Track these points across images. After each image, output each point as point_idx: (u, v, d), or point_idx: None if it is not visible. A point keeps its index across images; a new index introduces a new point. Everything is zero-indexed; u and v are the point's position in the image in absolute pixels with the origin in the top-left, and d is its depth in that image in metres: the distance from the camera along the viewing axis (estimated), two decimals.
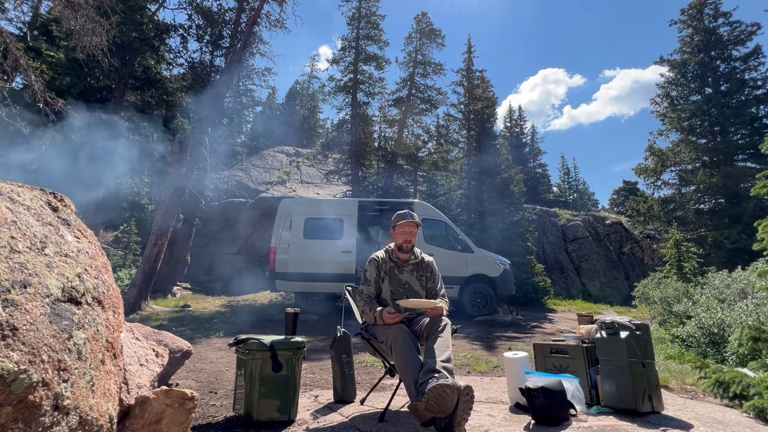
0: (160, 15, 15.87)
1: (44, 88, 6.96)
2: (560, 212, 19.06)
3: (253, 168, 21.73)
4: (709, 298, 5.98)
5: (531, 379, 2.62)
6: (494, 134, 14.99)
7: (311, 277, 8.37)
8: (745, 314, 4.45)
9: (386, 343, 2.51)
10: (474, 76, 17.03)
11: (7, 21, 11.95)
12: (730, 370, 3.43)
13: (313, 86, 37.89)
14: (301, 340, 2.72)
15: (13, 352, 1.17)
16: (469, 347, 5.89)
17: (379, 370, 4.12)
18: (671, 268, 10.03)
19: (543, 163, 31.75)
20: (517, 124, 31.72)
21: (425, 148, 20.86)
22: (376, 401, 2.96)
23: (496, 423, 2.50)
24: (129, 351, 2.24)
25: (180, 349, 3.31)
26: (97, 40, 6.89)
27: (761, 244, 4.06)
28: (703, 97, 17.48)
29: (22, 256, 1.40)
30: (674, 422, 2.55)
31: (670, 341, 5.62)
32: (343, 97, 18.91)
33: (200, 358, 4.69)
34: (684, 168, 17.51)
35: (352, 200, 9.72)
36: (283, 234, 8.61)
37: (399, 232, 2.86)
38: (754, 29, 17.12)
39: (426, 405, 2.02)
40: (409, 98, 19.53)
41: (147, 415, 1.79)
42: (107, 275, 1.86)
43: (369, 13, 18.96)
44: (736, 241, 14.05)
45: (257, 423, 2.46)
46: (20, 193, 1.69)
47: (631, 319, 2.92)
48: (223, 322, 7.62)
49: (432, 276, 2.91)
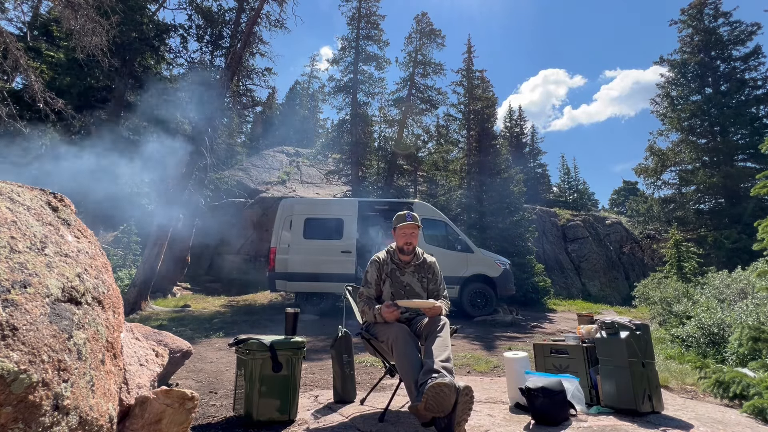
0: (160, 15, 15.89)
1: (44, 88, 6.95)
2: (560, 212, 19.05)
3: (253, 168, 21.71)
4: (709, 298, 5.98)
5: (531, 379, 2.62)
6: (494, 134, 14.97)
7: (311, 277, 8.37)
8: (745, 314, 4.45)
9: (387, 342, 2.50)
10: (474, 76, 17.03)
11: (7, 21, 11.96)
12: (730, 370, 3.43)
13: (313, 86, 37.90)
14: (301, 340, 2.72)
15: (13, 352, 1.17)
16: (469, 347, 5.89)
17: (379, 370, 4.12)
18: (671, 268, 10.03)
19: (543, 163, 31.73)
20: (517, 124, 31.67)
21: (425, 148, 20.84)
22: (376, 401, 2.96)
23: (496, 423, 2.50)
24: (129, 351, 2.24)
25: (180, 349, 3.31)
26: (97, 40, 6.89)
27: (761, 244, 4.07)
28: (703, 97, 17.48)
29: (22, 256, 1.40)
30: (674, 422, 2.55)
31: (670, 341, 5.62)
32: (343, 97, 18.90)
33: (200, 358, 4.68)
34: (684, 168, 17.53)
35: (352, 200, 9.72)
36: (283, 234, 8.61)
37: (399, 234, 2.83)
38: (754, 29, 17.15)
39: (425, 405, 2.02)
40: (409, 98, 19.50)
41: (147, 415, 1.79)
42: (107, 275, 1.86)
43: (369, 13, 18.95)
44: (736, 241, 14.06)
45: (257, 423, 2.46)
46: (20, 193, 1.69)
47: (631, 319, 2.92)
48: (223, 322, 7.62)
49: (434, 277, 2.88)
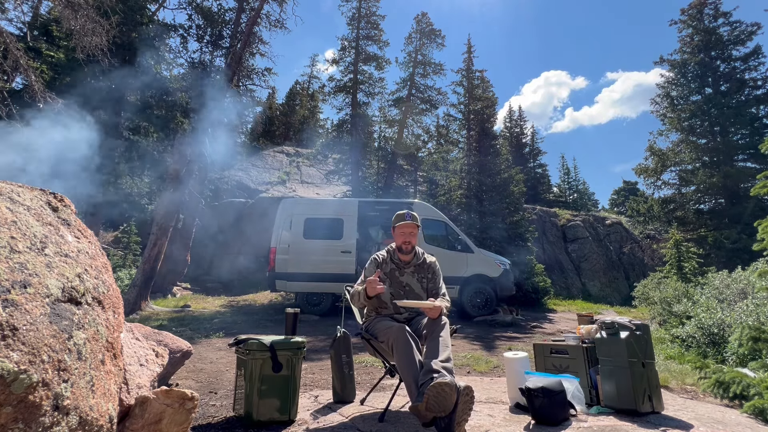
0: (160, 15, 15.90)
1: (44, 88, 6.95)
2: (560, 212, 19.05)
3: (253, 168, 21.70)
4: (709, 299, 5.97)
5: (531, 379, 2.62)
6: (494, 134, 14.98)
7: (311, 277, 8.37)
8: (745, 314, 4.45)
9: (387, 343, 2.50)
10: (474, 76, 17.03)
11: (7, 21, 11.94)
12: (730, 370, 3.43)
13: (313, 86, 37.87)
14: (301, 340, 2.71)
15: (13, 352, 1.17)
16: (469, 347, 5.89)
17: (379, 370, 4.12)
18: (671, 268, 10.03)
19: (543, 163, 31.63)
20: (517, 125, 31.65)
21: (425, 148, 20.87)
22: (376, 401, 2.96)
23: (496, 423, 2.50)
24: (129, 351, 2.24)
25: (180, 349, 3.31)
26: (97, 40, 6.89)
27: (761, 244, 4.07)
28: (703, 97, 17.48)
29: (22, 256, 1.40)
30: (674, 422, 2.55)
31: (670, 341, 5.62)
32: (343, 97, 18.92)
33: (200, 358, 4.68)
34: (684, 168, 17.52)
35: (352, 200, 9.71)
36: (283, 234, 8.60)
37: (398, 233, 2.83)
38: (754, 29, 17.13)
39: (426, 405, 2.02)
40: (409, 98, 19.50)
41: (147, 415, 1.79)
42: (107, 275, 1.86)
43: (369, 13, 18.96)
44: (736, 241, 14.06)
45: (257, 423, 2.45)
46: (20, 193, 1.69)
47: (631, 319, 2.92)
48: (223, 322, 7.62)
49: (433, 277, 2.87)
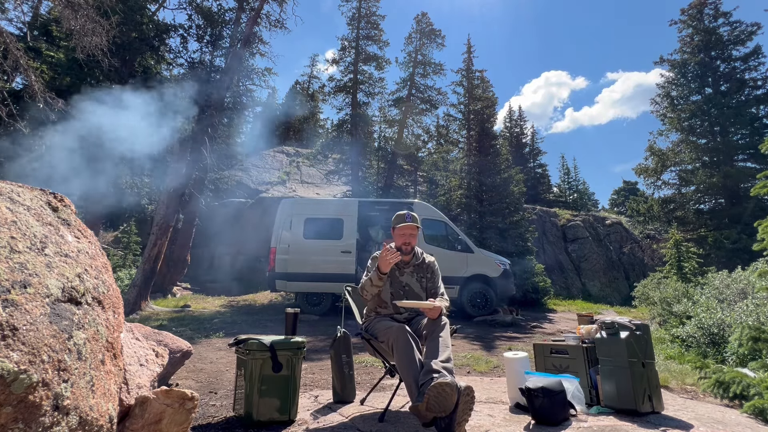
0: (160, 15, 15.90)
1: (44, 88, 6.95)
2: (560, 212, 19.04)
3: (253, 168, 21.70)
4: (709, 298, 5.97)
5: (531, 379, 2.62)
6: (494, 134, 14.96)
7: (311, 278, 8.37)
8: (745, 314, 4.45)
9: (387, 343, 2.50)
10: (474, 76, 17.03)
11: (7, 21, 11.94)
12: (730, 370, 3.43)
13: (313, 86, 37.87)
14: (301, 340, 2.72)
15: (13, 352, 1.17)
16: (469, 347, 5.89)
17: (379, 370, 4.12)
18: (671, 268, 10.03)
19: (543, 163, 31.60)
20: (517, 125, 31.65)
21: (425, 148, 20.86)
22: (376, 401, 2.96)
23: (496, 423, 2.50)
24: (129, 351, 2.24)
25: (180, 349, 3.31)
26: (97, 40, 6.89)
27: (761, 244, 4.07)
28: (703, 97, 17.48)
29: (22, 256, 1.40)
30: (674, 422, 2.55)
31: (670, 341, 5.62)
32: (343, 97, 18.91)
33: (200, 358, 4.68)
34: (684, 168, 17.52)
35: (352, 200, 9.71)
36: (283, 234, 8.60)
37: (398, 234, 2.83)
38: (754, 29, 17.13)
39: (427, 405, 2.02)
40: (409, 98, 19.50)
41: (147, 415, 1.79)
42: (107, 275, 1.86)
43: (369, 13, 18.95)
44: (736, 241, 14.05)
45: (257, 423, 2.46)
46: (20, 194, 1.69)
47: (631, 319, 2.92)
48: (223, 322, 7.62)
49: (432, 277, 2.87)
